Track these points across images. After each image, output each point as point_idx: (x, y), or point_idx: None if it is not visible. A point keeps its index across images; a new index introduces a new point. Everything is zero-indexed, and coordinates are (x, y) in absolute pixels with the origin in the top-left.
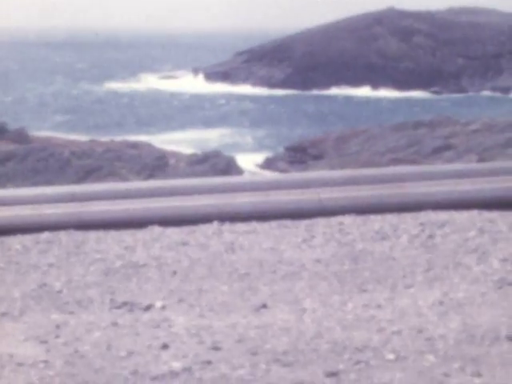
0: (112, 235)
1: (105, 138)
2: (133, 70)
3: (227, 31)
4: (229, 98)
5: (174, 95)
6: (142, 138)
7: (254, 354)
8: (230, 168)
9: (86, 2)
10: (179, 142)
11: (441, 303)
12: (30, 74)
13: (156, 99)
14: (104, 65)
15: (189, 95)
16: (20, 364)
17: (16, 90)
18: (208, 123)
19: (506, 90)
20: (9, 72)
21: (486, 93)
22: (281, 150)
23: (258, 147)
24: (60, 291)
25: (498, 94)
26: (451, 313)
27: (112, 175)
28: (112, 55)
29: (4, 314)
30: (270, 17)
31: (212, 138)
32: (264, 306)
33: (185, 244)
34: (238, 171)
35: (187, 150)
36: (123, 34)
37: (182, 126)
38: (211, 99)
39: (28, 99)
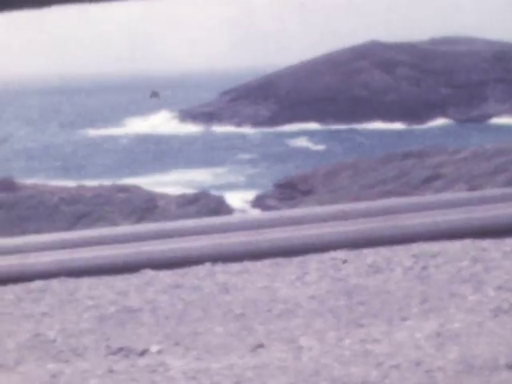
0: (105, 281)
1: (93, 183)
2: (118, 114)
3: (212, 70)
4: (216, 137)
5: (160, 137)
6: (132, 181)
7: None
8: (220, 207)
9: (71, 46)
10: (169, 183)
11: (438, 334)
12: (15, 121)
13: (143, 142)
14: (89, 110)
15: (176, 137)
16: None
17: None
18: (196, 164)
19: (491, 117)
20: None
21: (472, 120)
22: (270, 186)
23: (248, 185)
24: (54, 340)
25: (483, 122)
26: (449, 344)
27: (102, 220)
28: (97, 100)
29: None
30: (255, 55)
31: (201, 178)
32: (260, 345)
33: (178, 287)
34: (228, 210)
35: (177, 192)
36: (107, 78)
37: (171, 167)
38: (198, 140)
39: (12, 146)
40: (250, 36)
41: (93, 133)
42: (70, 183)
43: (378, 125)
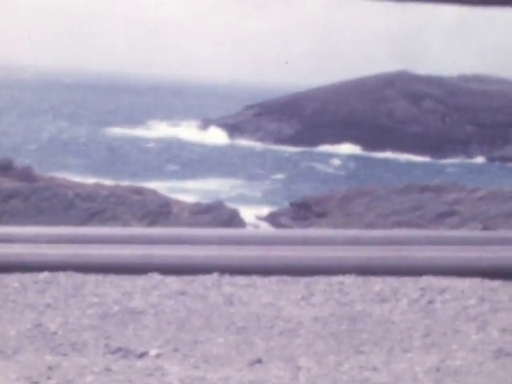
0: (111, 280)
1: (110, 182)
2: (142, 116)
3: (239, 83)
4: (237, 150)
5: (182, 144)
6: (149, 184)
7: None
8: (233, 220)
9: (106, 46)
10: (186, 190)
11: (437, 369)
12: (47, 114)
13: (165, 147)
14: (113, 109)
15: (198, 145)
16: None
17: (27, 129)
18: (215, 174)
19: None
20: (21, 112)
21: (493, 161)
22: (286, 204)
23: (263, 201)
24: (55, 332)
25: (504, 164)
26: (447, 380)
27: (114, 219)
28: (122, 100)
29: None
30: (281, 71)
31: (217, 189)
32: (259, 361)
33: (183, 293)
34: (241, 224)
35: (193, 199)
36: (133, 78)
37: (190, 175)
38: (220, 150)
39: (38, 139)
40: (278, 54)
41: (117, 132)
42: (88, 180)
43: (399, 155)
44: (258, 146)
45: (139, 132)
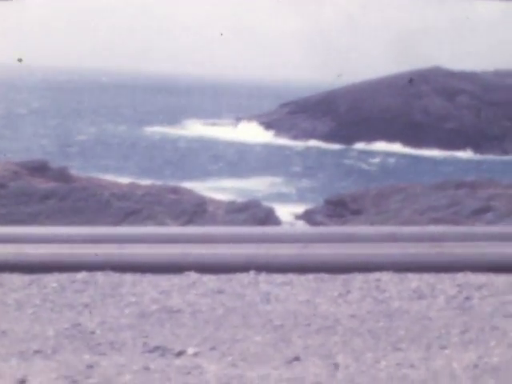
0: (148, 279)
1: (146, 182)
2: (177, 115)
3: (272, 81)
4: (272, 148)
5: (218, 143)
6: (185, 184)
7: None
8: (269, 218)
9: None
10: (222, 189)
11: (475, 366)
12: (85, 115)
13: (202, 146)
14: (148, 109)
15: (233, 143)
16: None
17: (63, 130)
18: (251, 172)
19: None
20: (60, 112)
21: None
22: (321, 202)
23: (299, 199)
24: (93, 332)
25: None
26: (486, 377)
27: (150, 219)
28: (156, 99)
29: (37, 352)
30: (315, 69)
31: (253, 187)
32: (297, 358)
33: (220, 292)
34: (277, 222)
35: (229, 198)
36: (168, 78)
37: (226, 173)
38: (256, 148)
39: (77, 140)
40: (315, 50)
41: (152, 131)
42: (124, 180)
43: (435, 152)
44: (293, 143)
45: (176, 131)
